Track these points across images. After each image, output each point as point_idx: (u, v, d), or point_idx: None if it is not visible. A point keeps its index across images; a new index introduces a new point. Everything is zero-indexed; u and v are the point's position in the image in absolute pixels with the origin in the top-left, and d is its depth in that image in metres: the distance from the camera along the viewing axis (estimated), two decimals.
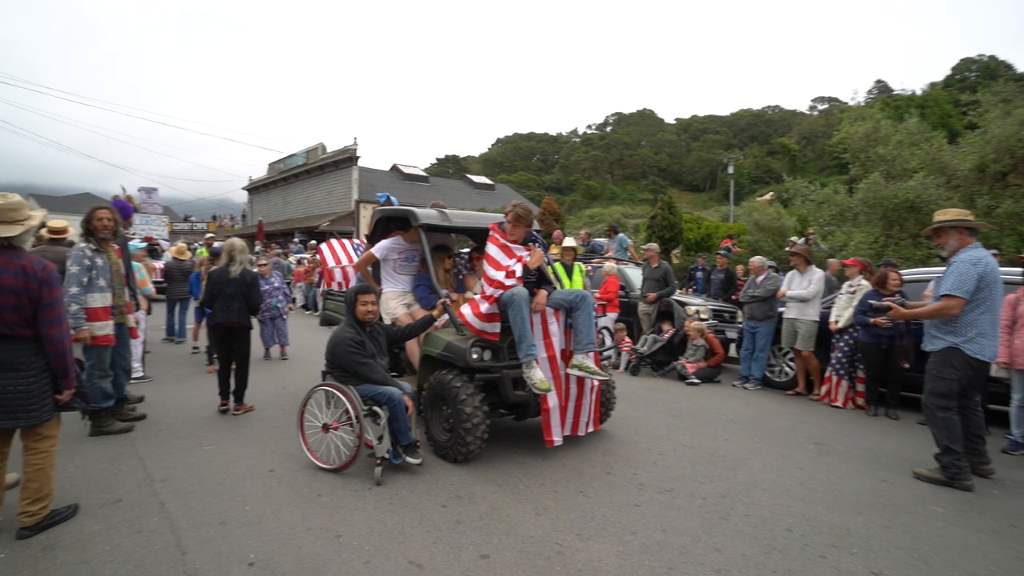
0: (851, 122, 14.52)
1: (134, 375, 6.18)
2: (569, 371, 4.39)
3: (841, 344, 6.69)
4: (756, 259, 8.07)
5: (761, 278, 7.58)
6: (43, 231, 5.17)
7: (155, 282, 9.50)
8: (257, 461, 4.22)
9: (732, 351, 8.85)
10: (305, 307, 15.38)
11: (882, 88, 72.81)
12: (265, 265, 8.55)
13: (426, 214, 5.15)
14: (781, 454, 4.74)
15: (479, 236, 6.17)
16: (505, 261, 4.39)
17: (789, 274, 7.48)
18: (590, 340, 4.40)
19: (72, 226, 5.18)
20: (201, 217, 44.16)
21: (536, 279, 4.59)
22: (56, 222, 5.17)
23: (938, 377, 4.12)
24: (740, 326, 8.29)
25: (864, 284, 6.78)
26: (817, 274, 7.11)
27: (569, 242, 8.18)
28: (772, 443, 5.04)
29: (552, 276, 5.10)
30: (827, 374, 6.85)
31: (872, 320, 6.06)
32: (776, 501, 3.73)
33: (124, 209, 5.09)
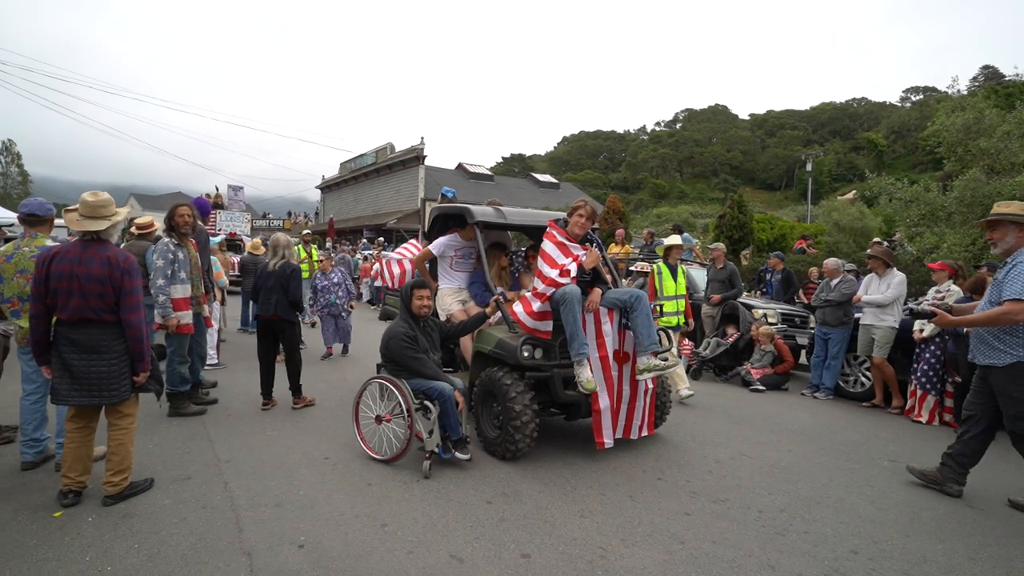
0: (947, 113, 13.31)
1: (209, 362, 6.63)
2: (639, 378, 4.30)
3: (927, 355, 6.14)
4: (831, 261, 7.56)
5: (835, 281, 7.10)
6: (132, 228, 5.63)
7: (233, 276, 10.17)
8: (314, 448, 4.40)
9: (802, 358, 8.34)
10: (371, 302, 15.94)
11: (990, 74, 65.91)
12: (323, 260, 8.76)
13: (482, 211, 5.18)
14: (850, 469, 4.40)
15: (536, 234, 6.15)
16: (561, 259, 4.34)
17: (867, 277, 6.96)
18: (652, 341, 4.27)
19: (158, 222, 5.62)
20: (278, 215, 46.75)
21: (591, 278, 4.52)
22: (143, 219, 5.62)
23: (1017, 399, 3.60)
24: (811, 331, 7.80)
25: (955, 290, 6.20)
26: (897, 277, 6.57)
27: (674, 240, 7.38)
28: (841, 457, 4.70)
29: (609, 276, 5.00)
30: (912, 387, 6.31)
31: (965, 330, 5.53)
32: (841, 519, 3.47)
33: (203, 207, 5.47)
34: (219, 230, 19.03)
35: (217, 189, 23.55)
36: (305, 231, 12.75)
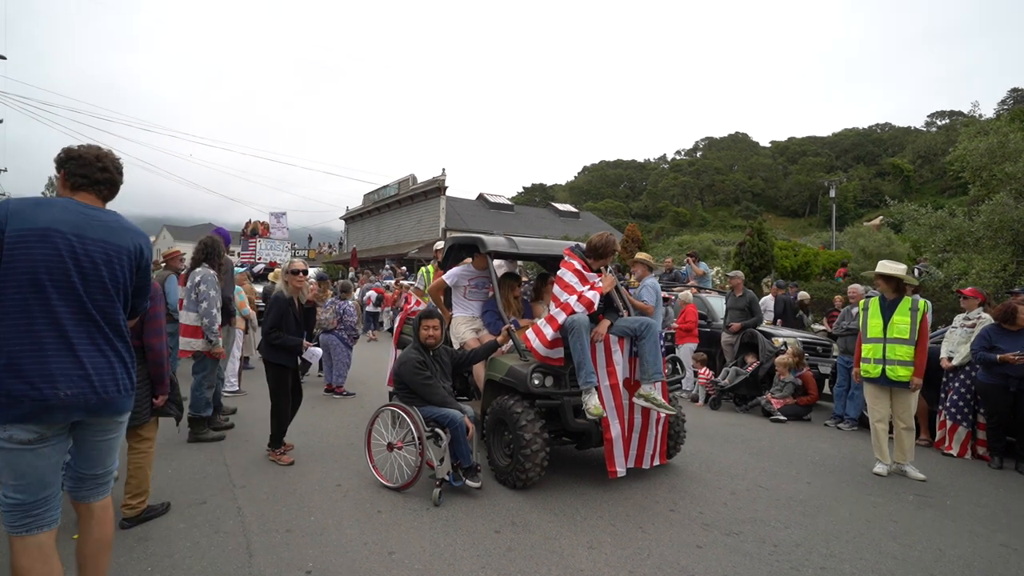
0: (970, 137, 13.12)
1: (230, 389, 6.78)
2: (635, 400, 4.27)
3: (956, 384, 5.95)
4: (854, 287, 7.44)
5: (857, 309, 6.96)
6: (159, 258, 5.91)
7: (260, 307, 10.37)
8: (327, 475, 4.44)
9: (825, 387, 8.15)
10: (391, 331, 16.08)
11: (1020, 97, 64.76)
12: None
13: (494, 241, 5.27)
14: (873, 503, 4.26)
15: (549, 263, 6.21)
16: (579, 287, 4.38)
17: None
18: (656, 370, 4.26)
19: (187, 252, 5.85)
20: (303, 245, 47.71)
21: (603, 306, 4.54)
22: (169, 250, 5.89)
23: None
24: (834, 360, 7.63)
25: (985, 317, 6.04)
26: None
27: (888, 267, 5.32)
28: (864, 490, 4.55)
29: (620, 303, 5.02)
30: (941, 418, 6.09)
31: (999, 357, 5.35)
32: (860, 555, 3.35)
33: (225, 237, 5.70)
34: (259, 258, 18.77)
35: (251, 222, 23.31)
36: (438, 244, 8.66)
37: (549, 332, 4.27)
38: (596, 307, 4.30)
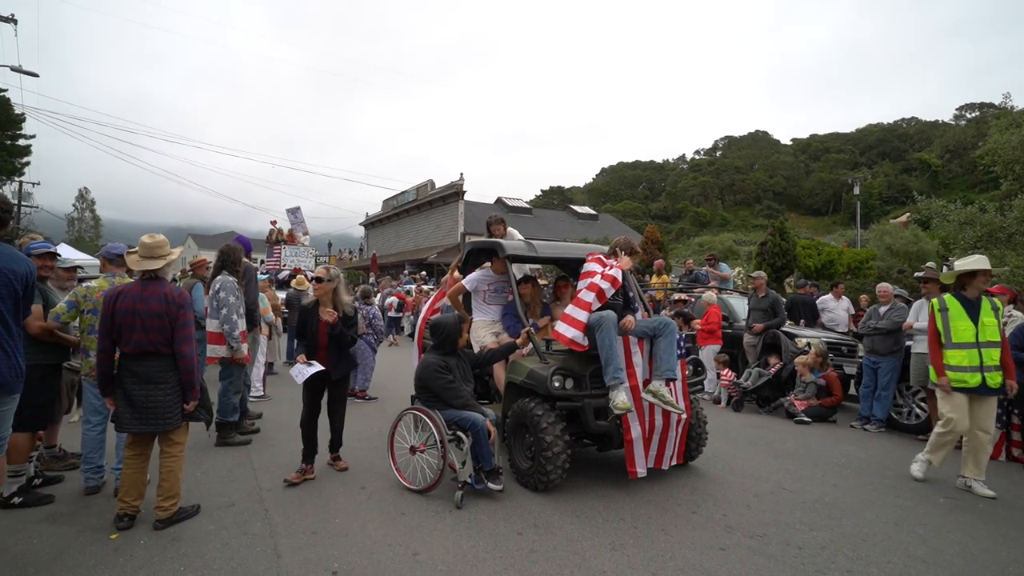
0: (1002, 130, 12.79)
1: (255, 393, 6.92)
2: (643, 396, 4.26)
3: None
4: (884, 286, 7.28)
5: (884, 308, 6.84)
6: (186, 266, 6.09)
7: (284, 312, 10.56)
8: (351, 478, 4.51)
9: (851, 388, 7.99)
10: (412, 335, 16.24)
11: None
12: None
13: (513, 246, 5.31)
14: (901, 506, 4.18)
15: (568, 266, 6.22)
16: (599, 269, 4.46)
17: (918, 303, 6.67)
18: (669, 367, 4.25)
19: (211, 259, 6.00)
20: (323, 251, 48.29)
21: (622, 303, 4.57)
22: (195, 258, 6.05)
23: None
24: (860, 361, 7.49)
25: (1017, 315, 5.89)
26: None
27: (976, 262, 4.75)
28: (891, 493, 4.47)
29: (639, 297, 5.05)
30: None
31: None
32: (888, 558, 3.29)
33: (246, 245, 5.84)
34: (284, 265, 18.78)
35: (274, 224, 22.87)
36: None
37: (583, 315, 4.30)
38: (620, 282, 4.40)
